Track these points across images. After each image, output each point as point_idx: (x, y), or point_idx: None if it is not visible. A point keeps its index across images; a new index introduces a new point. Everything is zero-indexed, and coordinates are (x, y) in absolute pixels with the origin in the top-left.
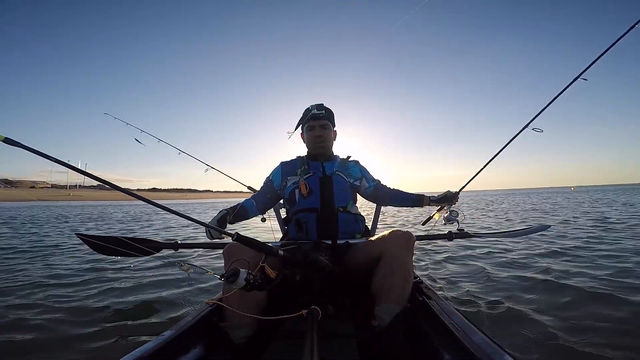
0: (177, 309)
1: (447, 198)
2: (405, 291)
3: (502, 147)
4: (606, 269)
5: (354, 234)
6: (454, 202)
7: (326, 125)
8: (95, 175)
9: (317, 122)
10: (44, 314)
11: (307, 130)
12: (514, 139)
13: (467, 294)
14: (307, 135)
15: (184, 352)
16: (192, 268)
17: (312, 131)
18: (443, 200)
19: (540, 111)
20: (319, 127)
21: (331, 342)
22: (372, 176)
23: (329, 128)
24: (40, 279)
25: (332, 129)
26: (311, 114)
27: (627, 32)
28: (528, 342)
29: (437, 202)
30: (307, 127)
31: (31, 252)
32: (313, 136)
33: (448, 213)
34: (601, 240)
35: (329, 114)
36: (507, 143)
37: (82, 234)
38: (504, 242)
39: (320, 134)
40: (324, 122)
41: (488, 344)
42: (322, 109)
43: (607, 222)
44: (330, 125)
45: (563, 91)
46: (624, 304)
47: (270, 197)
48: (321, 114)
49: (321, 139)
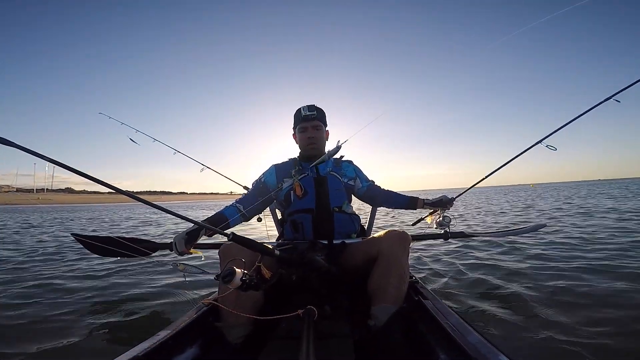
0: (173, 308)
1: (442, 202)
2: (401, 291)
3: (510, 159)
4: (605, 268)
5: (349, 234)
6: (448, 207)
7: (318, 126)
8: (98, 178)
9: (309, 124)
10: (37, 314)
11: (300, 131)
12: (523, 153)
13: (463, 293)
14: (300, 137)
15: (179, 352)
16: (187, 268)
17: (305, 132)
18: (438, 205)
19: (559, 128)
20: (312, 129)
21: (327, 342)
22: (366, 176)
23: (321, 129)
24: (38, 279)
25: (324, 129)
26: (303, 116)
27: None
28: (523, 342)
29: (431, 206)
30: (299, 128)
31: (32, 253)
32: (305, 137)
33: (441, 218)
34: (601, 239)
35: (320, 114)
36: (516, 156)
37: (77, 234)
38: (499, 242)
39: (313, 135)
40: (316, 123)
41: (483, 343)
42: (313, 109)
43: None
44: (323, 126)
45: (590, 110)
46: (620, 304)
47: (262, 200)
48: (312, 115)
49: (314, 140)
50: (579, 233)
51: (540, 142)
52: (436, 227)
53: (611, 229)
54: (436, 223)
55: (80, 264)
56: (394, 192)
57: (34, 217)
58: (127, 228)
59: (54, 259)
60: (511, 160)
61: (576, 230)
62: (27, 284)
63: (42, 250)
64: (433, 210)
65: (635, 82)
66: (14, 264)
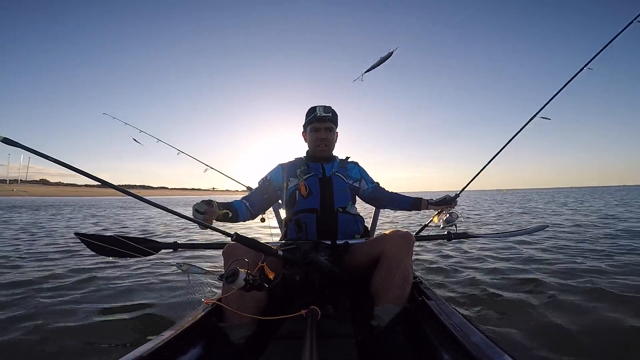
0: (177, 309)
1: (445, 201)
2: (405, 291)
3: (510, 138)
4: (610, 268)
5: (353, 235)
6: (452, 205)
7: (331, 128)
8: (96, 176)
9: (322, 125)
10: (40, 316)
11: (311, 131)
12: (522, 129)
13: (466, 294)
14: (311, 136)
15: (182, 352)
16: (191, 268)
17: (317, 133)
18: (442, 203)
19: (549, 100)
20: (324, 130)
21: (330, 342)
22: (372, 178)
23: (333, 130)
24: (37, 279)
25: (335, 131)
26: (318, 116)
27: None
28: (527, 343)
29: (435, 206)
30: (312, 127)
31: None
32: (317, 138)
33: (448, 215)
34: (603, 237)
35: (334, 117)
36: (515, 134)
37: (80, 233)
38: (503, 242)
39: (325, 137)
40: (329, 125)
41: (487, 344)
42: (329, 111)
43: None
44: (334, 128)
45: (570, 80)
46: (625, 305)
47: (268, 197)
48: (328, 117)
49: (325, 142)
50: (579, 231)
51: (535, 116)
52: (443, 226)
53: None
54: (443, 222)
55: (82, 264)
56: (399, 194)
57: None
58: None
59: (55, 258)
60: (511, 139)
61: (576, 230)
62: (27, 283)
63: (48, 249)
64: (439, 210)
65: (605, 46)
66: (13, 264)
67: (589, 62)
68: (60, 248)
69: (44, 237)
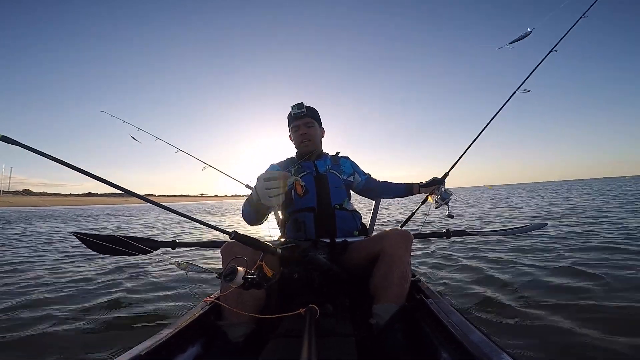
0: (175, 307)
1: (435, 181)
2: (403, 290)
3: (495, 113)
4: (606, 263)
5: (351, 231)
6: (442, 183)
7: (310, 123)
8: (101, 177)
9: (300, 121)
10: (40, 315)
11: (293, 131)
12: (506, 104)
13: (465, 292)
14: (294, 137)
15: (181, 351)
16: (189, 266)
17: (298, 131)
18: (432, 184)
19: (530, 72)
20: (303, 125)
21: (329, 341)
22: (363, 170)
23: (314, 125)
24: (36, 278)
25: (317, 127)
26: (293, 115)
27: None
28: (526, 341)
29: (426, 187)
30: (292, 127)
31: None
32: (298, 135)
33: (441, 192)
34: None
35: (311, 112)
36: (500, 108)
37: (78, 232)
38: (501, 240)
39: (305, 132)
40: (307, 120)
41: (486, 342)
42: (302, 107)
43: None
44: (315, 123)
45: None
46: (626, 302)
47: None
48: (302, 113)
49: (307, 137)
50: (578, 231)
51: (517, 91)
52: (437, 205)
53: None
54: (439, 199)
55: (82, 264)
56: (391, 182)
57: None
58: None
59: (57, 258)
60: (495, 115)
61: (576, 228)
62: (28, 284)
63: (49, 250)
64: (431, 190)
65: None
66: (15, 264)
67: (555, 45)
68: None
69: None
